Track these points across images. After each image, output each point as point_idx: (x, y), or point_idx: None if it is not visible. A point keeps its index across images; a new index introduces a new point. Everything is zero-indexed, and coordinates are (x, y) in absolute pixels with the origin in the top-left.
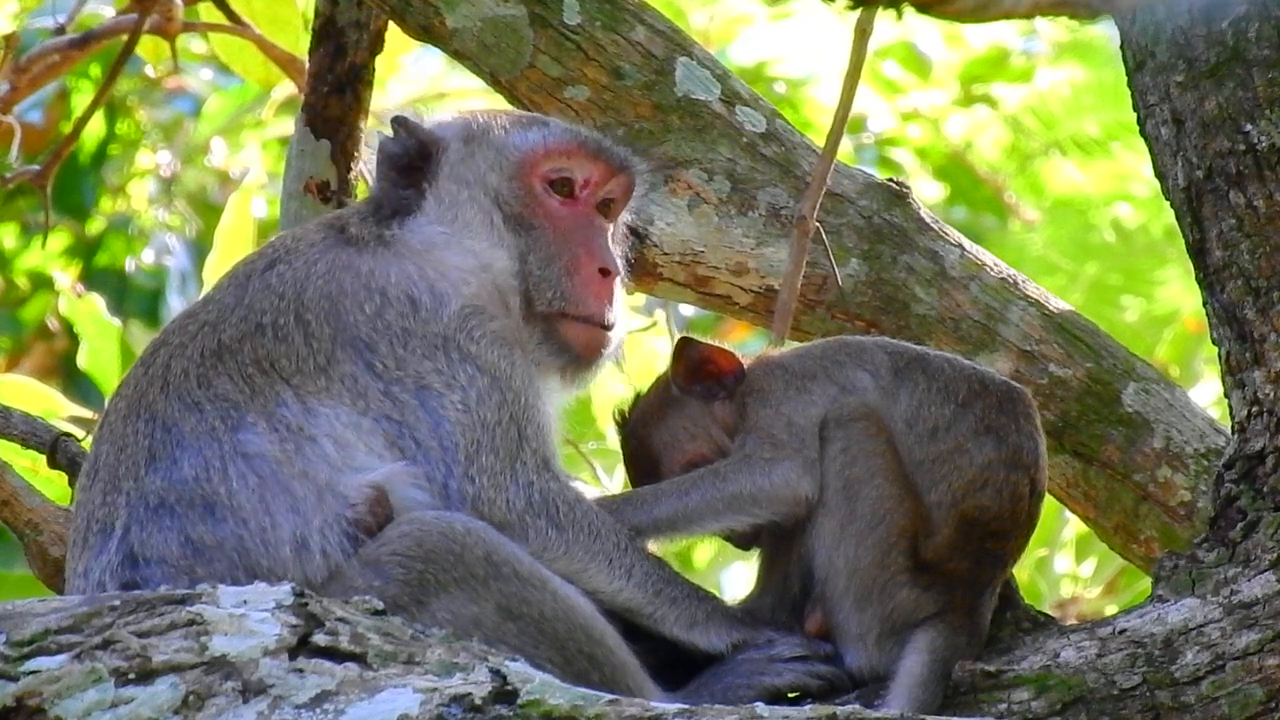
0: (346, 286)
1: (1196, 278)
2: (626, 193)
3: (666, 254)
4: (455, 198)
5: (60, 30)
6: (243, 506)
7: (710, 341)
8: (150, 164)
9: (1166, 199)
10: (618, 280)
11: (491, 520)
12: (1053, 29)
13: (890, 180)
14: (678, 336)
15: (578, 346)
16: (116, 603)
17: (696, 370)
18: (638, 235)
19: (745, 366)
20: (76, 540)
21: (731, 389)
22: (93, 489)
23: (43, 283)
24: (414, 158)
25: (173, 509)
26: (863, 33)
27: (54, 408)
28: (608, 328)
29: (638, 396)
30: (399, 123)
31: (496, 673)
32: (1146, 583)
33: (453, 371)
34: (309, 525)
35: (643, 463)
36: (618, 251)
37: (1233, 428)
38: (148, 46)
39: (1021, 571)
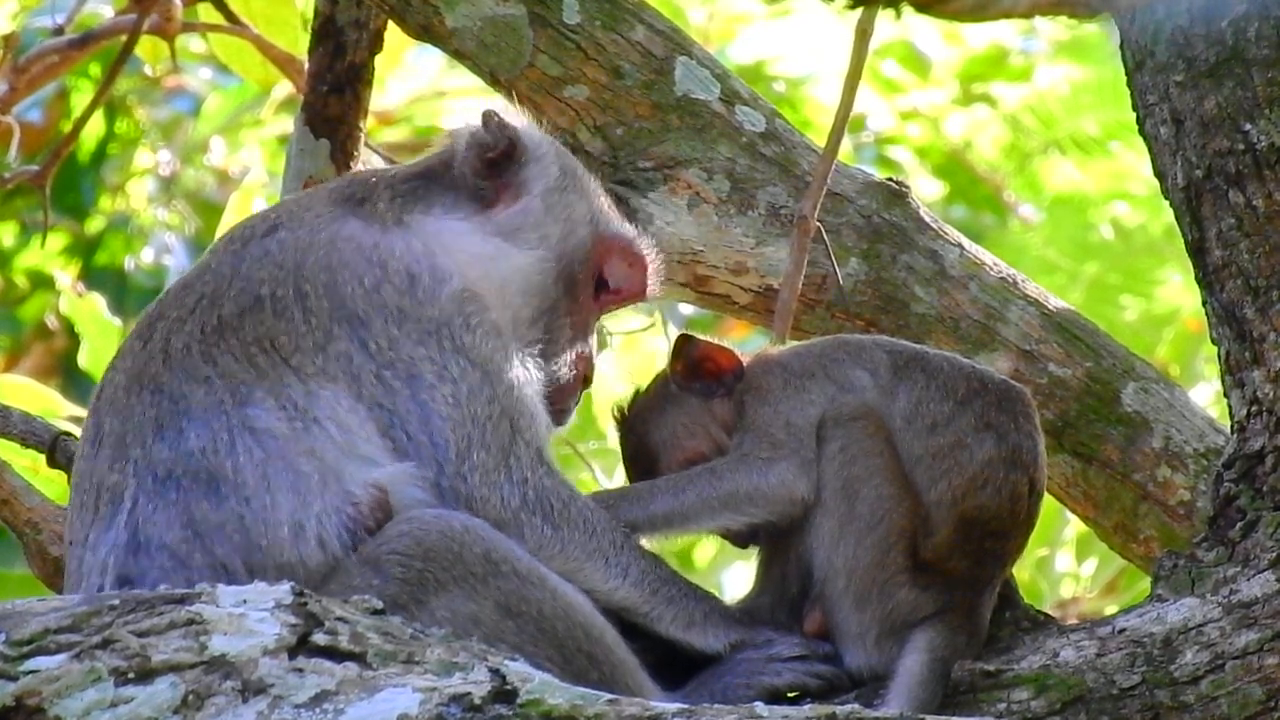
0: (347, 258)
1: (1196, 277)
2: (624, 305)
3: (666, 254)
4: (541, 218)
5: (59, 30)
6: (247, 483)
7: (710, 339)
8: (149, 163)
9: (1166, 198)
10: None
11: (486, 518)
12: (1052, 28)
13: (890, 180)
14: (677, 334)
15: None
16: (116, 602)
17: (695, 368)
18: None
19: (744, 365)
20: (85, 505)
21: (730, 387)
22: (98, 456)
23: (42, 282)
24: (498, 156)
25: (179, 482)
26: (863, 32)
27: (53, 407)
28: (560, 421)
29: (637, 393)
30: (496, 123)
31: (496, 672)
32: (1146, 582)
33: (444, 362)
34: (308, 510)
35: (641, 459)
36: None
37: (1232, 427)
38: (147, 46)
39: (1021, 571)
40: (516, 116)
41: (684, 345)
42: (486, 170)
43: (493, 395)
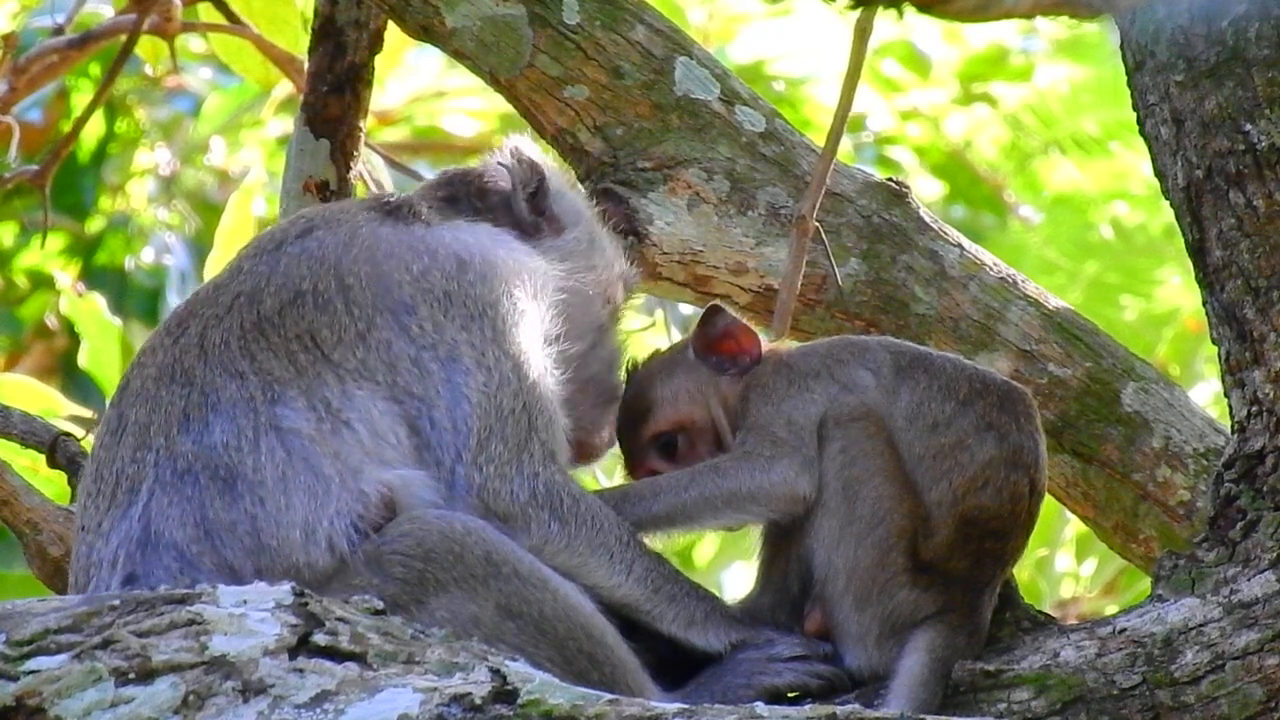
0: (393, 249)
1: (1196, 277)
2: None
3: (666, 253)
4: (588, 249)
5: (59, 30)
6: (265, 482)
7: (738, 317)
8: (149, 163)
9: (1166, 198)
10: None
11: (495, 510)
12: (1052, 28)
13: (890, 180)
14: (709, 304)
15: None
16: (116, 602)
17: (716, 340)
18: (637, 235)
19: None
20: (101, 493)
21: (744, 369)
22: (120, 445)
23: (42, 282)
24: (535, 191)
25: (197, 478)
26: (863, 32)
27: (53, 407)
28: (587, 458)
29: (656, 352)
30: (528, 161)
31: (496, 672)
32: (1146, 582)
33: (483, 348)
34: (322, 512)
35: (636, 410)
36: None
37: (1232, 427)
38: (147, 46)
39: (1021, 571)
40: (538, 152)
41: (712, 315)
42: (532, 204)
43: (518, 389)
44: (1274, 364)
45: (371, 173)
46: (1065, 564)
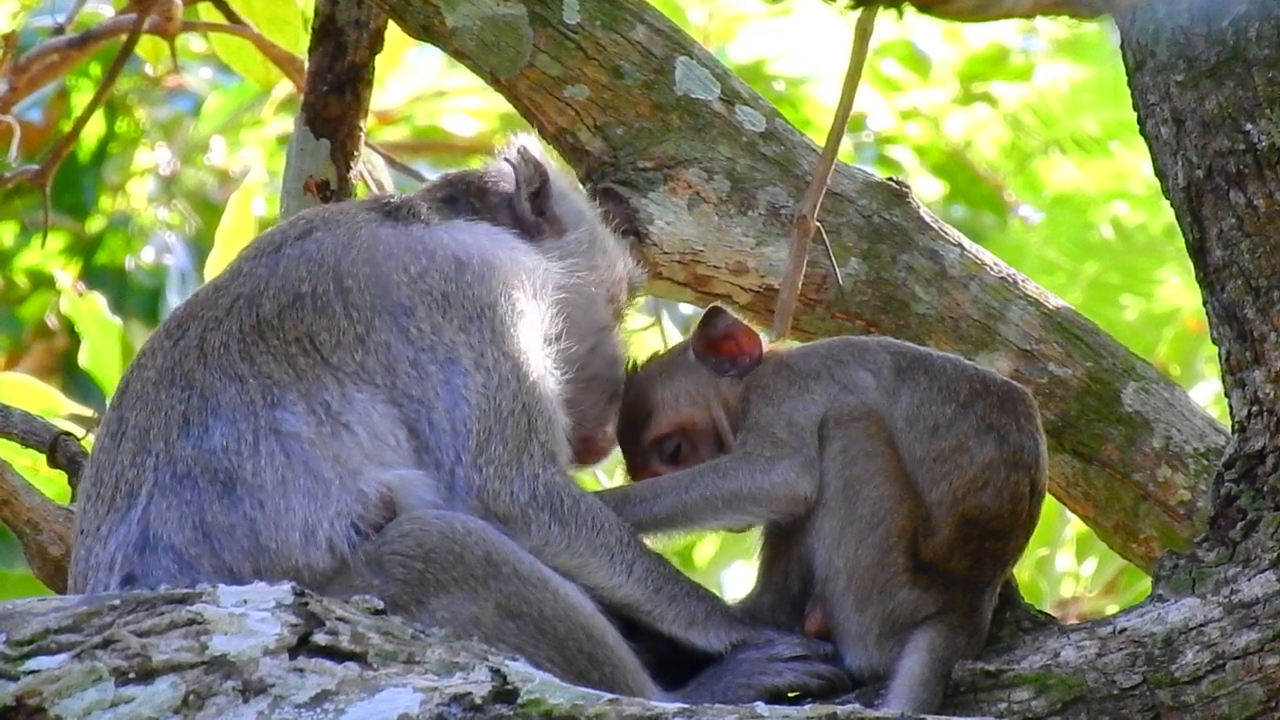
0: (391, 250)
1: (1196, 277)
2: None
3: (666, 253)
4: (588, 249)
5: (60, 30)
6: (264, 486)
7: (739, 318)
8: (150, 163)
9: (1166, 198)
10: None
11: (495, 511)
12: (1052, 27)
13: (890, 179)
14: (710, 305)
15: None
16: (116, 602)
17: (716, 342)
18: (638, 235)
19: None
20: (100, 496)
21: (744, 370)
22: (120, 449)
23: (42, 281)
24: (537, 191)
25: (196, 481)
26: (863, 32)
27: (54, 406)
28: (589, 460)
29: (655, 354)
30: (533, 161)
31: (496, 672)
32: (1146, 582)
33: (482, 349)
34: (323, 514)
35: (637, 412)
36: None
37: (1233, 427)
38: (147, 46)
39: (1022, 571)
40: (542, 152)
41: (713, 317)
42: (534, 204)
43: (518, 390)
44: (1274, 364)
45: (372, 173)
46: (1065, 564)
